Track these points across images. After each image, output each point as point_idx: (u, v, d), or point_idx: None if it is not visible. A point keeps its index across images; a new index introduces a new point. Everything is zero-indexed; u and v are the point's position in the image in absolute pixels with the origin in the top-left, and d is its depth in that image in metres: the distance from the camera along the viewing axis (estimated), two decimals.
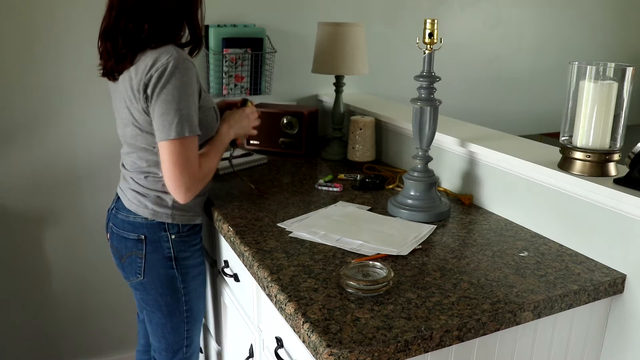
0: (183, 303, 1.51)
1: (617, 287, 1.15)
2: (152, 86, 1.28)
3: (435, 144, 1.61)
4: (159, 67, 1.28)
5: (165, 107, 1.28)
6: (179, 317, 1.52)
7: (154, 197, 1.42)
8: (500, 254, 1.24)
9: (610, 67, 1.22)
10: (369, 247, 1.24)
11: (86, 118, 2.03)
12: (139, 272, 1.45)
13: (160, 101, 1.28)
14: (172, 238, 1.44)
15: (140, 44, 1.32)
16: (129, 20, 1.31)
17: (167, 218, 1.43)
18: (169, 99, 1.28)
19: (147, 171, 1.42)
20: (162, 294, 1.47)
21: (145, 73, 1.29)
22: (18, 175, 1.99)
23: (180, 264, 1.47)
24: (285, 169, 1.90)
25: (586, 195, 1.22)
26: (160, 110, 1.29)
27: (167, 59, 1.28)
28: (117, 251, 1.49)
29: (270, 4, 2.23)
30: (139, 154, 1.41)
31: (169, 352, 1.56)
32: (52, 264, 2.11)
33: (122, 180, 1.50)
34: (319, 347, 0.89)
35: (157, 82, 1.28)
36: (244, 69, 2.14)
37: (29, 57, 1.91)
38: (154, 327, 1.54)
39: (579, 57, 2.50)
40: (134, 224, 1.43)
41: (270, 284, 1.09)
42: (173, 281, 1.47)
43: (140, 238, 1.43)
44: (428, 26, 1.37)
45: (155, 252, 1.43)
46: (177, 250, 1.45)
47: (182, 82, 1.28)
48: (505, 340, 1.06)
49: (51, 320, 2.16)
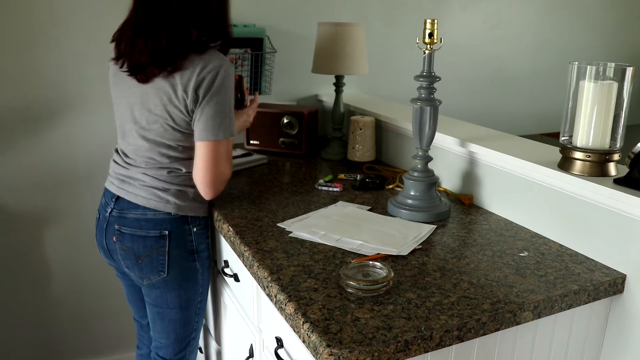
0: (199, 294, 1.53)
1: (617, 287, 1.15)
2: (205, 88, 1.32)
3: (435, 144, 1.61)
4: (211, 70, 1.32)
5: (216, 108, 1.34)
6: (193, 310, 1.54)
7: (175, 191, 1.42)
8: (500, 254, 1.24)
9: (610, 67, 1.22)
10: (369, 247, 1.24)
11: (86, 118, 2.03)
12: (162, 270, 1.43)
13: (213, 103, 1.33)
14: (194, 231, 1.46)
15: (187, 48, 1.33)
16: (174, 23, 1.32)
17: (190, 211, 1.44)
18: (220, 101, 1.34)
19: (168, 167, 1.42)
20: (184, 288, 1.48)
21: (197, 75, 1.32)
22: (18, 175, 1.99)
23: (199, 256, 1.49)
24: (285, 169, 1.90)
25: (586, 195, 1.22)
26: (210, 112, 1.34)
27: (219, 63, 1.33)
28: (132, 252, 1.43)
29: (270, 4, 2.23)
30: (161, 150, 1.41)
31: (175, 346, 1.56)
32: (52, 264, 2.11)
33: (123, 181, 1.45)
34: (319, 347, 0.89)
35: (210, 84, 1.32)
36: (243, 69, 2.14)
37: (29, 56, 1.91)
38: (166, 324, 1.53)
39: (579, 57, 2.51)
40: (154, 221, 1.41)
41: (270, 284, 1.09)
42: (195, 274, 1.49)
43: (163, 234, 1.41)
44: (428, 26, 1.37)
45: (178, 247, 1.44)
46: (197, 243, 1.48)
47: (230, 88, 1.36)
48: (505, 340, 1.06)
49: (51, 320, 2.16)
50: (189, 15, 1.33)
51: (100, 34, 1.95)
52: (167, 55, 1.32)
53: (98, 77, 1.98)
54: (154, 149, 1.41)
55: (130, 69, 1.37)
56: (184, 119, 1.37)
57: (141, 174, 1.43)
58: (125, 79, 1.40)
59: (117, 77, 1.45)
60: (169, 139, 1.39)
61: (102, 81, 1.99)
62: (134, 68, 1.36)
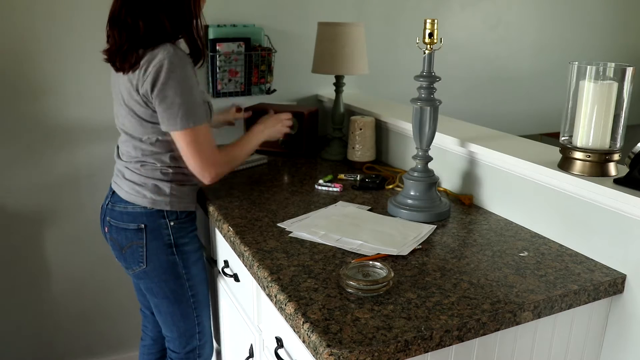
0: (187, 289, 1.55)
1: (617, 287, 1.15)
2: (152, 82, 1.34)
3: (435, 144, 1.61)
4: (156, 64, 1.33)
5: (168, 101, 1.35)
6: (186, 303, 1.56)
7: (151, 186, 1.46)
8: (500, 254, 1.24)
9: (610, 67, 1.21)
10: (369, 247, 1.24)
11: (86, 118, 2.03)
12: (141, 261, 1.48)
13: (162, 96, 1.35)
14: (171, 225, 1.49)
15: (138, 42, 1.35)
16: (128, 15, 1.35)
17: (166, 205, 1.47)
18: (170, 94, 1.34)
19: (142, 160, 1.46)
20: (165, 281, 1.51)
21: (144, 71, 1.34)
22: (18, 175, 1.99)
23: (180, 250, 1.51)
24: (285, 169, 1.90)
25: (586, 195, 1.22)
26: (164, 105, 1.36)
27: (164, 56, 1.33)
28: (117, 243, 1.51)
29: (270, 4, 2.23)
30: (134, 143, 1.46)
31: (182, 339, 1.60)
32: (51, 264, 2.11)
33: (117, 175, 1.53)
34: (319, 347, 0.89)
35: (156, 78, 1.33)
36: (237, 64, 2.15)
37: (29, 56, 1.91)
38: (163, 316, 1.58)
39: (579, 57, 2.50)
40: (133, 214, 1.47)
41: (270, 284, 1.09)
42: (175, 267, 1.51)
43: (140, 227, 1.46)
44: (428, 26, 1.37)
45: (155, 240, 1.48)
46: (176, 237, 1.50)
47: (182, 77, 1.35)
48: (505, 340, 1.06)
49: (51, 320, 2.16)
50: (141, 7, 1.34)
51: (99, 34, 1.95)
52: (125, 49, 1.36)
53: (98, 76, 1.98)
54: (129, 141, 1.47)
55: (107, 58, 1.43)
56: (145, 111, 1.40)
57: (125, 167, 1.50)
58: (115, 75, 1.46)
59: (113, 74, 1.49)
60: (138, 132, 1.44)
61: (102, 80, 1.98)
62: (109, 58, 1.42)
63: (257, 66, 2.19)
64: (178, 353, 1.62)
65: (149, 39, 1.35)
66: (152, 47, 1.35)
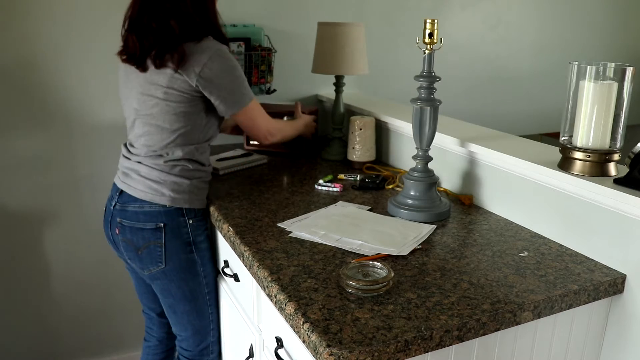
0: (204, 286, 1.56)
1: (617, 287, 1.15)
2: (212, 73, 1.40)
3: (435, 144, 1.61)
4: (212, 55, 1.40)
5: (231, 86, 1.45)
6: (202, 300, 1.57)
7: (170, 184, 1.45)
8: (500, 254, 1.24)
9: (610, 67, 1.21)
10: (369, 247, 1.24)
11: (86, 118, 2.03)
12: (160, 261, 1.47)
13: (225, 82, 1.43)
14: (190, 223, 1.49)
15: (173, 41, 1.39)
16: (152, 19, 1.39)
17: (185, 203, 1.47)
18: (231, 78, 1.44)
19: (165, 153, 1.46)
20: (184, 280, 1.51)
21: (197, 64, 1.39)
22: (18, 175, 1.99)
23: (197, 248, 1.51)
24: (285, 169, 1.90)
25: (586, 195, 1.22)
26: (227, 90, 1.44)
27: (213, 46, 1.41)
28: (132, 244, 1.49)
29: (270, 4, 2.23)
30: (161, 134, 1.45)
31: (196, 337, 1.60)
32: (52, 264, 2.11)
33: (126, 174, 1.50)
34: (319, 347, 0.89)
35: (215, 68, 1.40)
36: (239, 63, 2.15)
37: (29, 56, 1.91)
38: (179, 316, 1.57)
39: (579, 57, 2.50)
40: (150, 214, 1.45)
41: (270, 284, 1.09)
42: (194, 265, 1.51)
43: (158, 226, 1.45)
44: (428, 26, 1.37)
45: (175, 239, 1.47)
46: (194, 235, 1.50)
47: (232, 61, 1.45)
48: (505, 340, 1.06)
49: (51, 320, 2.16)
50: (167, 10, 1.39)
51: (100, 34, 1.95)
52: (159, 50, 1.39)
53: (99, 76, 1.98)
54: (153, 133, 1.45)
55: (129, 59, 1.44)
56: (188, 101, 1.43)
57: (140, 164, 1.47)
58: (129, 73, 1.47)
59: (125, 72, 1.50)
60: (168, 121, 1.44)
61: (103, 80, 1.99)
62: (132, 58, 1.43)
63: (257, 66, 2.19)
64: (191, 351, 1.62)
65: (187, 35, 1.40)
66: (193, 41, 1.40)
